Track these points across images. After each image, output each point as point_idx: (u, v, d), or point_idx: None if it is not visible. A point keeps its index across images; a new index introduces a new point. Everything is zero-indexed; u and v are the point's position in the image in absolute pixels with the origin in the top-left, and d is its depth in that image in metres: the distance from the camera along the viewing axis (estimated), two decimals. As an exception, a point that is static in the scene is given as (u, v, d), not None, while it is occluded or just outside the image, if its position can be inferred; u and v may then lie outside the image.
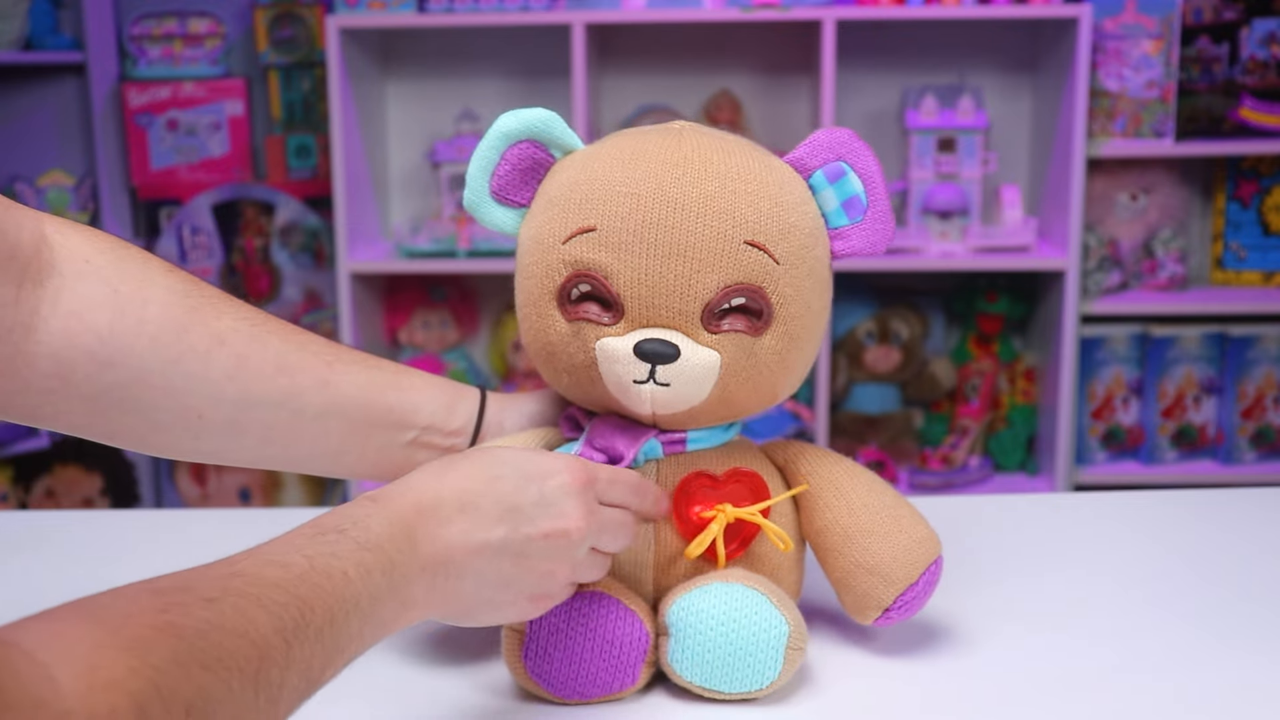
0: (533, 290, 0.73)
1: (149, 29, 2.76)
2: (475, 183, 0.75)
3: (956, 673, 0.76)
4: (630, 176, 0.71)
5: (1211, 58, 2.52)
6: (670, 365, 0.69)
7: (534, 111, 0.74)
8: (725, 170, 0.71)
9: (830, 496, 0.76)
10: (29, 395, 0.69)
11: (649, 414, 0.72)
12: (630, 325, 0.70)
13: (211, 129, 2.78)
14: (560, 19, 2.40)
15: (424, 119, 2.71)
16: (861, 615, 0.76)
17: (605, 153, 0.73)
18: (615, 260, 0.70)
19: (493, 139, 0.74)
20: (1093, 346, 2.57)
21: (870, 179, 0.75)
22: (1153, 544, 0.98)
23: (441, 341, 2.72)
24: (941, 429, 2.67)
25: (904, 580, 0.74)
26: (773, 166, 0.73)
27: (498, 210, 0.76)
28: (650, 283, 0.69)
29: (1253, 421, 2.59)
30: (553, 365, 0.74)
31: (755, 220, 0.70)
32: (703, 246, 0.69)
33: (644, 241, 0.69)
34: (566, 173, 0.74)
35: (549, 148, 0.75)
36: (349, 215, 2.49)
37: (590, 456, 0.73)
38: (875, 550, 0.74)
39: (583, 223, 0.71)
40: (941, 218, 2.46)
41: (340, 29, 2.42)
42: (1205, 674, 0.75)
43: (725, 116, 2.60)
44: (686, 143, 0.72)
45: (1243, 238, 2.62)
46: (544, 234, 0.73)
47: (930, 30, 2.60)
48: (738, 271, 0.70)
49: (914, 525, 0.76)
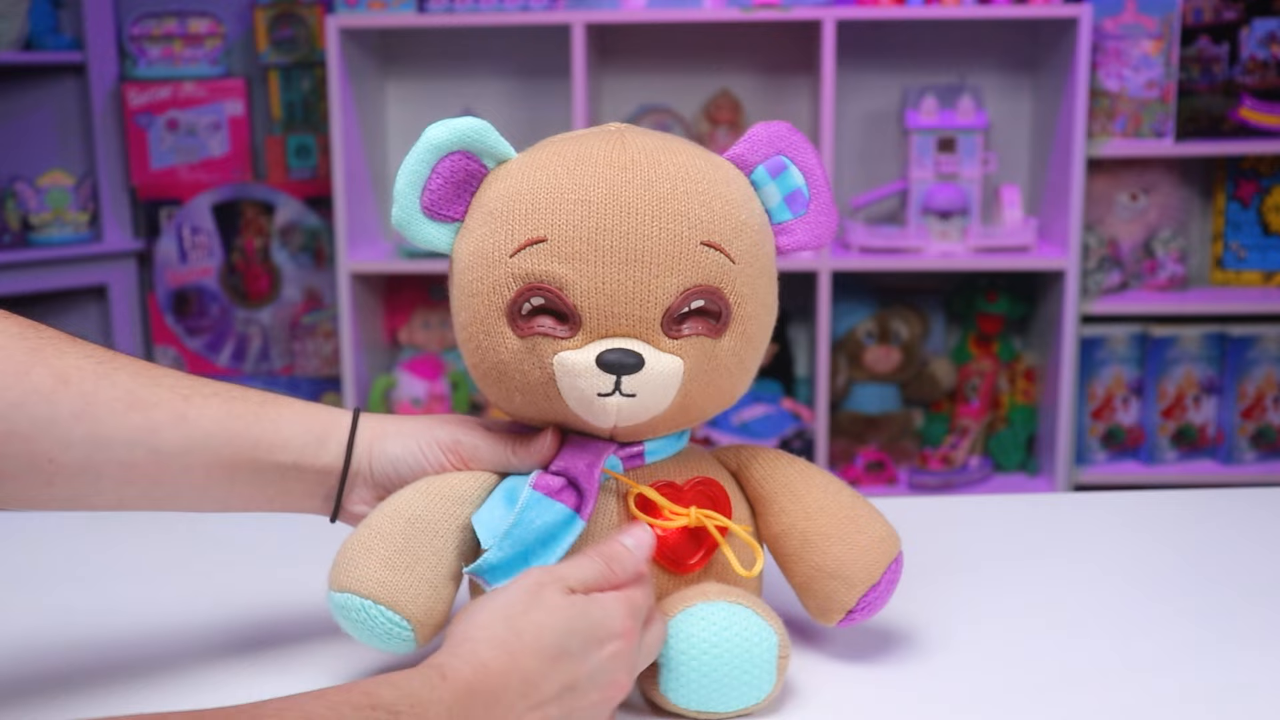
0: (478, 309, 0.70)
1: (149, 29, 2.76)
2: (404, 199, 0.71)
3: (956, 672, 0.75)
4: (579, 183, 0.68)
5: (1211, 58, 2.52)
6: (635, 375, 0.67)
7: (464, 120, 0.71)
8: (675, 171, 0.69)
9: (786, 501, 0.74)
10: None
11: (610, 427, 0.70)
12: (588, 336, 0.68)
13: (211, 129, 2.78)
14: (560, 19, 2.40)
15: (424, 119, 2.67)
16: (825, 618, 0.75)
17: (546, 160, 0.70)
18: (570, 270, 0.67)
19: (421, 152, 0.70)
20: (1093, 346, 2.57)
21: (811, 172, 0.73)
22: (1153, 544, 0.98)
23: (442, 341, 2.72)
24: (941, 429, 2.67)
25: (865, 581, 0.73)
26: (717, 164, 0.72)
27: (429, 227, 0.71)
28: (608, 291, 0.67)
29: (1253, 421, 2.59)
30: (503, 385, 0.71)
31: (709, 220, 0.68)
32: (660, 250, 0.67)
33: (599, 249, 0.67)
34: (505, 182, 0.70)
35: (481, 158, 0.72)
36: (349, 215, 2.49)
37: (547, 483, 0.70)
38: (834, 553, 0.73)
39: (531, 233, 0.68)
40: (941, 218, 2.46)
41: (340, 29, 2.42)
42: (1205, 673, 0.75)
43: (725, 116, 2.60)
44: (630, 144, 0.70)
45: (1243, 238, 2.62)
46: (487, 248, 0.69)
47: (930, 30, 2.60)
48: (696, 273, 0.68)
49: (872, 524, 0.74)
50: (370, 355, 2.66)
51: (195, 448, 0.71)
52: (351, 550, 0.70)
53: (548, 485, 0.70)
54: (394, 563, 0.69)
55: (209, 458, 0.71)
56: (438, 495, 0.72)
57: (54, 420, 0.67)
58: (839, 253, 2.48)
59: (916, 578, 0.89)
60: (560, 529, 0.70)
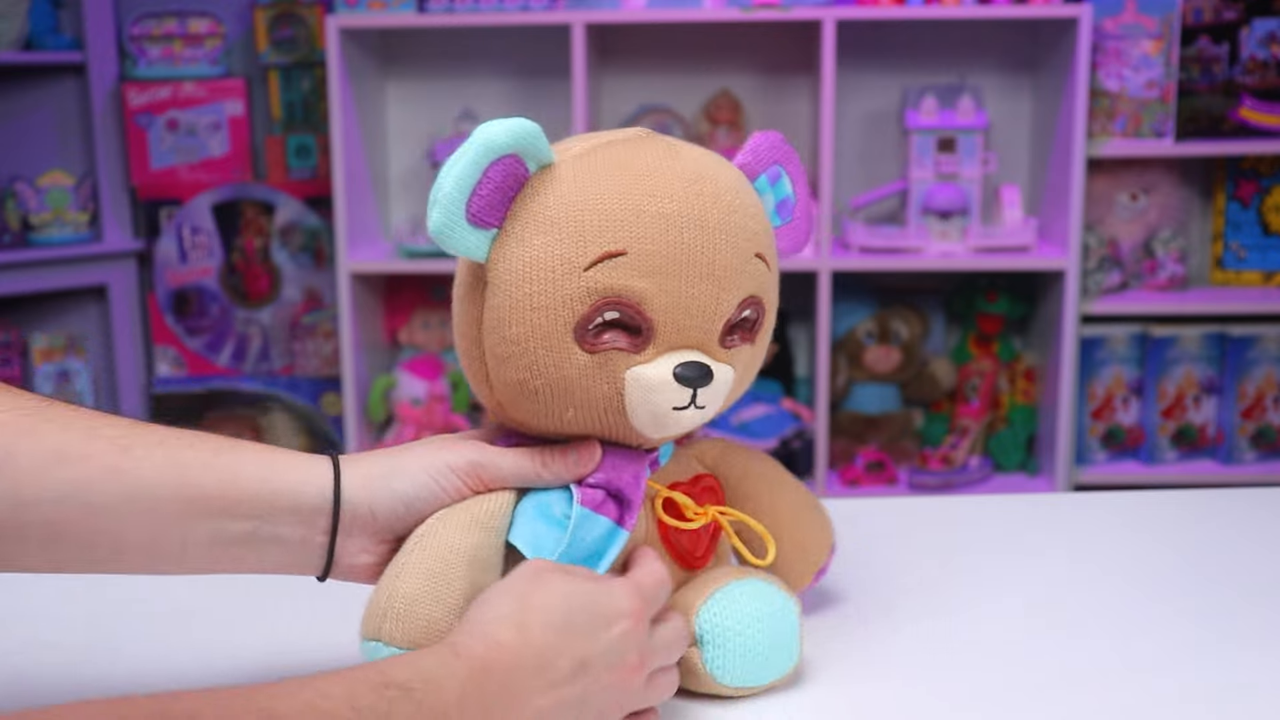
0: (540, 323, 0.66)
1: (149, 29, 2.76)
2: (452, 204, 0.65)
3: (956, 671, 0.75)
4: (653, 195, 0.67)
5: (1211, 58, 2.52)
6: (708, 387, 0.69)
7: (520, 122, 0.66)
8: (730, 184, 0.70)
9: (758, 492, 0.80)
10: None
11: (659, 439, 0.71)
12: (658, 350, 0.68)
13: (211, 129, 2.78)
14: (560, 19, 2.40)
15: (424, 119, 2.71)
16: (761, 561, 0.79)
17: (605, 168, 0.68)
18: (650, 285, 0.66)
19: (476, 153, 0.65)
20: (1093, 346, 2.57)
21: (799, 181, 0.76)
22: (1153, 544, 0.98)
23: (442, 341, 2.72)
24: (941, 429, 2.67)
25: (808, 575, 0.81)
26: (742, 174, 0.73)
27: (473, 235, 0.66)
28: (684, 306, 0.67)
29: (1253, 421, 2.59)
30: (557, 402, 0.68)
31: (759, 232, 0.71)
32: (729, 264, 0.68)
33: (678, 264, 0.67)
34: (562, 190, 0.67)
35: (527, 161, 0.67)
36: (349, 215, 2.49)
37: (592, 498, 0.69)
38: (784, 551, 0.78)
39: (609, 246, 0.66)
40: (941, 218, 2.46)
41: (340, 29, 2.42)
42: (1206, 673, 0.75)
43: (725, 116, 2.60)
44: (684, 155, 0.70)
45: (1243, 238, 2.62)
46: (553, 260, 0.66)
47: (930, 30, 2.60)
48: (751, 285, 0.70)
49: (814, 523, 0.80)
50: (370, 355, 2.66)
51: (133, 500, 0.64)
52: (417, 603, 0.66)
53: (593, 500, 0.70)
54: (462, 610, 0.66)
55: (149, 513, 0.65)
56: (484, 528, 0.69)
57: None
58: (839, 253, 2.48)
59: (916, 577, 0.89)
60: (606, 542, 0.70)
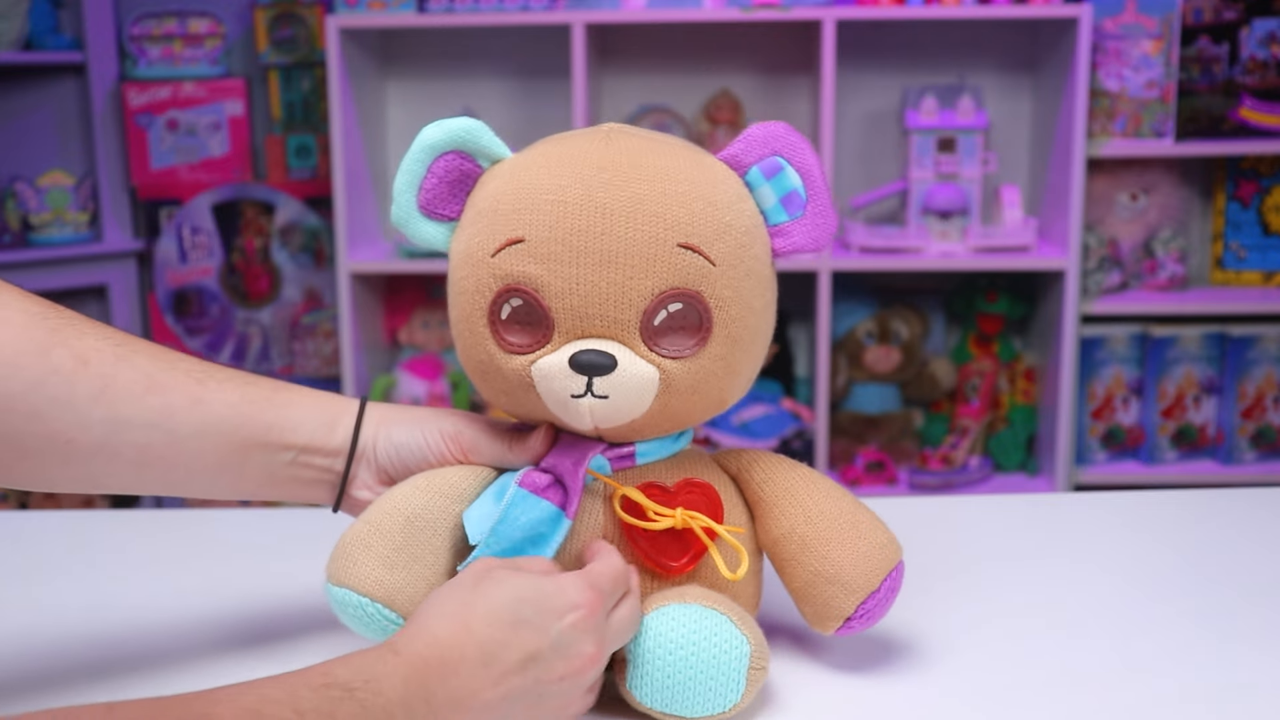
0: (465, 307, 0.71)
1: (149, 29, 2.76)
2: (402, 198, 0.73)
3: (956, 671, 0.75)
4: (557, 183, 0.68)
5: (1211, 58, 2.52)
6: (607, 377, 0.67)
7: (459, 121, 0.72)
8: (655, 171, 0.68)
9: (786, 504, 0.74)
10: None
11: (591, 428, 0.70)
12: (564, 338, 0.68)
13: (211, 129, 2.78)
14: (560, 19, 2.40)
15: (424, 119, 2.66)
16: (822, 625, 0.73)
17: (531, 160, 0.71)
18: (545, 271, 0.67)
19: (416, 152, 0.72)
20: (1093, 346, 2.57)
21: (809, 173, 0.72)
22: (1153, 544, 0.98)
23: (441, 341, 2.72)
24: (941, 429, 2.67)
25: (865, 588, 0.72)
26: (705, 165, 0.71)
27: (427, 225, 0.73)
28: (582, 293, 0.67)
29: (1253, 421, 2.59)
30: (488, 383, 0.72)
31: (688, 221, 0.68)
32: (634, 252, 0.67)
33: (573, 250, 0.67)
34: (494, 183, 0.71)
35: (476, 158, 0.73)
36: (349, 215, 2.49)
37: (533, 480, 0.71)
38: (834, 558, 0.72)
39: (511, 234, 0.68)
40: (941, 218, 2.46)
41: (340, 29, 2.42)
42: (1206, 673, 0.75)
43: (725, 116, 2.60)
44: (615, 144, 0.70)
45: (1243, 238, 2.62)
46: (473, 248, 0.70)
47: (930, 30, 2.60)
48: (672, 276, 0.67)
49: (873, 531, 0.73)
50: (370, 355, 2.66)
51: (209, 431, 0.72)
52: (351, 546, 0.70)
53: (533, 482, 0.71)
54: (392, 561, 0.70)
55: (222, 441, 0.72)
56: (436, 492, 0.72)
57: (73, 401, 0.68)
58: (839, 253, 2.48)
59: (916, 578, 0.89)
60: (547, 527, 0.70)
